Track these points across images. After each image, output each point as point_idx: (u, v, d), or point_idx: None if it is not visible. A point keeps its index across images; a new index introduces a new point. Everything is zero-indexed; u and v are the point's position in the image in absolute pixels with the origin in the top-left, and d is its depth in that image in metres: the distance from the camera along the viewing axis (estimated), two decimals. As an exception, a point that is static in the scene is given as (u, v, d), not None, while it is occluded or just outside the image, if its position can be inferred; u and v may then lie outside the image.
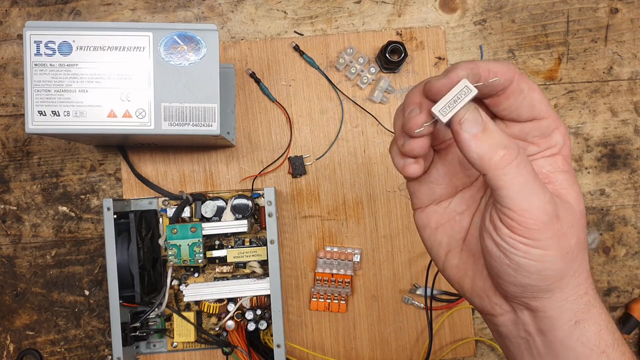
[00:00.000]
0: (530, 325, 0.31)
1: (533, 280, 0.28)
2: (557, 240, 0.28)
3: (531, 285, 0.29)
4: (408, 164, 0.30)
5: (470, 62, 0.28)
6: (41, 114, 0.49)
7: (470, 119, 0.27)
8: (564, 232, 0.28)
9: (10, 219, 0.64)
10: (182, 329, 0.60)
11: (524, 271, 0.28)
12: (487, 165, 0.27)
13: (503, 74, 0.28)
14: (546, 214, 0.27)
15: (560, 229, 0.28)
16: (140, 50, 0.49)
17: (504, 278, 0.29)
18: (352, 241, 0.64)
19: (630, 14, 0.66)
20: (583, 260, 0.30)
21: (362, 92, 0.65)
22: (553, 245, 0.28)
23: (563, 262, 0.28)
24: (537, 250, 0.27)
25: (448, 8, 0.66)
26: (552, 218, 0.27)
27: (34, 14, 0.65)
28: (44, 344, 0.64)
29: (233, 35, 0.65)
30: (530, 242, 0.27)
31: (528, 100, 0.29)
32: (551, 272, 0.28)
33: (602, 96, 0.66)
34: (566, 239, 0.28)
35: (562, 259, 0.28)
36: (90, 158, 0.65)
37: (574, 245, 0.29)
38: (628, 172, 0.66)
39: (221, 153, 0.64)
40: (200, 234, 0.59)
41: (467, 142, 0.27)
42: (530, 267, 0.28)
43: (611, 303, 0.65)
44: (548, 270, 0.28)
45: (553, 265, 0.28)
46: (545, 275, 0.28)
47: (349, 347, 0.64)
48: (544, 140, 0.30)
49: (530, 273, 0.28)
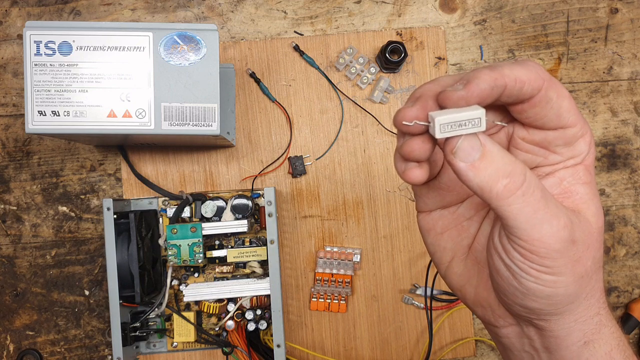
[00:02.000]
0: (536, 341, 0.29)
1: (541, 305, 0.27)
2: (572, 265, 0.26)
3: (539, 309, 0.27)
4: (409, 168, 0.26)
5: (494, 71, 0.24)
6: (41, 114, 0.49)
7: (466, 147, 0.24)
8: (580, 256, 0.26)
9: (10, 219, 0.64)
10: (182, 329, 0.60)
11: (533, 295, 0.26)
12: (489, 196, 0.24)
13: (531, 83, 0.24)
14: (560, 241, 0.25)
15: (575, 254, 0.26)
16: (140, 50, 0.49)
17: (510, 298, 0.27)
18: (352, 241, 0.64)
19: (630, 14, 0.66)
20: (597, 280, 0.28)
21: (362, 92, 0.65)
22: (567, 272, 0.26)
23: (576, 286, 0.26)
24: (549, 276, 0.26)
25: (448, 8, 0.66)
26: (567, 244, 0.25)
27: (34, 14, 0.65)
28: (44, 344, 0.64)
29: (233, 35, 0.65)
30: (542, 268, 0.25)
31: (556, 109, 0.26)
32: (562, 298, 0.26)
33: (602, 96, 0.66)
34: (582, 263, 0.26)
35: (575, 284, 0.26)
36: (90, 158, 0.65)
37: (589, 267, 0.27)
38: (628, 172, 0.66)
39: (221, 153, 0.64)
40: (200, 234, 0.59)
41: (463, 172, 0.24)
42: (541, 293, 0.26)
43: (611, 303, 0.65)
44: (559, 296, 0.26)
45: (565, 290, 0.26)
46: (556, 301, 0.27)
47: (349, 347, 0.64)
48: (567, 149, 0.27)
49: (540, 298, 0.26)
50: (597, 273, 0.27)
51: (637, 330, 0.65)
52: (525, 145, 0.27)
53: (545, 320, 0.28)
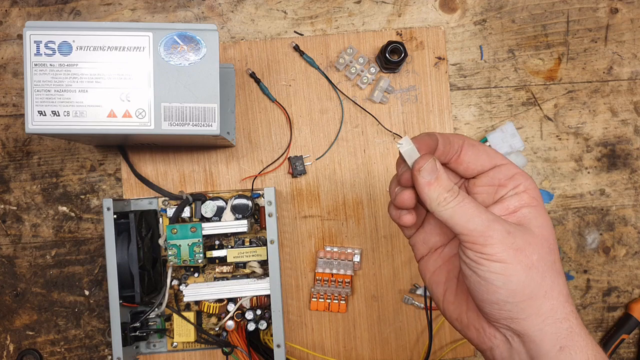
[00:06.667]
0: (523, 353, 0.33)
1: (503, 295, 0.32)
2: (514, 253, 0.32)
3: (503, 301, 0.32)
4: (403, 214, 0.37)
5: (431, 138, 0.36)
6: (41, 114, 0.49)
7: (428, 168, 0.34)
8: (519, 246, 0.32)
9: (10, 219, 0.64)
10: (182, 329, 0.60)
11: (492, 285, 0.32)
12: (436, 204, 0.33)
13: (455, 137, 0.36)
14: (492, 229, 0.32)
15: (514, 243, 0.32)
16: (140, 50, 0.49)
17: (481, 297, 0.33)
18: (352, 241, 0.64)
19: (630, 14, 0.66)
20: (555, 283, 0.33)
21: (362, 92, 0.65)
22: (511, 258, 0.32)
23: (526, 276, 0.32)
24: (497, 263, 0.32)
25: (448, 8, 0.66)
26: (502, 233, 0.32)
27: (34, 14, 0.65)
28: (44, 344, 0.64)
29: (233, 35, 0.65)
30: (488, 255, 0.32)
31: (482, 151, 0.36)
32: (515, 285, 0.32)
33: (602, 96, 0.66)
34: (524, 253, 0.32)
35: (524, 273, 0.32)
36: (90, 158, 0.65)
37: (535, 261, 0.32)
38: (628, 172, 0.66)
39: (221, 153, 0.64)
40: (200, 234, 0.59)
41: (422, 187, 0.34)
42: (496, 280, 0.32)
43: (611, 303, 0.65)
44: (512, 283, 0.32)
45: (516, 278, 0.32)
46: (512, 289, 0.32)
47: (349, 347, 0.64)
48: (509, 181, 0.35)
49: (498, 287, 0.32)
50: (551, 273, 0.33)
51: (637, 330, 0.65)
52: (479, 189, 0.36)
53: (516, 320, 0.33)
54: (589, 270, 0.66)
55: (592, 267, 0.65)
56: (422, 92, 0.65)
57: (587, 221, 0.66)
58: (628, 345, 0.66)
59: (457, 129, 0.65)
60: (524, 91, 0.66)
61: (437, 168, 0.34)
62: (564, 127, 0.66)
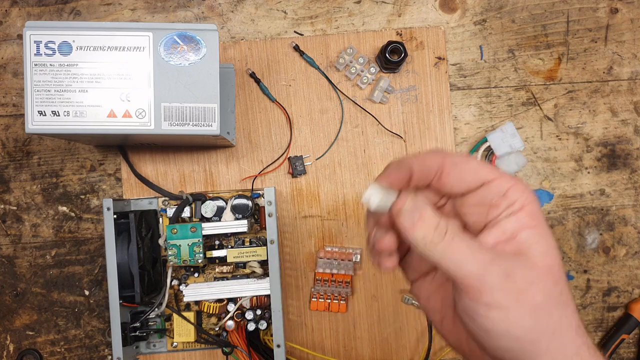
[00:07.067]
0: None
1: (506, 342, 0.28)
2: (516, 297, 0.28)
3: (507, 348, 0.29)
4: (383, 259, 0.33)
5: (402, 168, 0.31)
6: (41, 114, 0.49)
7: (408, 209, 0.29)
8: (521, 288, 0.28)
9: (10, 219, 0.64)
10: (182, 329, 0.60)
11: (493, 334, 0.28)
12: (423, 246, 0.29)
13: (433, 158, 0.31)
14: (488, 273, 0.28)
15: (514, 287, 0.28)
16: (140, 50, 0.49)
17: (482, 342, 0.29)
18: (352, 241, 0.64)
19: (630, 14, 0.66)
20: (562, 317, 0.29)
21: (362, 92, 0.65)
22: (511, 304, 0.28)
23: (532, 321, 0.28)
24: (495, 311, 0.28)
25: (448, 8, 0.66)
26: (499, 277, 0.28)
27: (34, 14, 0.65)
28: (44, 344, 0.64)
29: (233, 35, 0.65)
30: (485, 304, 0.28)
31: (466, 168, 0.31)
32: (520, 332, 0.28)
33: (602, 96, 0.66)
34: (527, 295, 0.28)
35: (529, 317, 0.28)
36: (90, 158, 0.65)
37: (540, 302, 0.28)
38: (628, 172, 0.66)
39: (221, 153, 0.64)
40: (200, 234, 0.59)
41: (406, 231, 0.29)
42: (497, 329, 0.28)
43: (611, 303, 0.65)
44: (516, 330, 0.28)
45: (519, 325, 0.28)
46: (516, 336, 0.28)
47: (349, 347, 0.64)
48: (502, 200, 0.30)
49: (500, 335, 0.28)
50: (558, 309, 0.29)
51: (637, 330, 0.65)
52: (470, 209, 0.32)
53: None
54: (589, 270, 0.66)
55: (592, 267, 0.65)
56: (422, 92, 0.65)
57: (587, 221, 0.65)
58: (628, 345, 0.66)
59: (457, 129, 0.65)
60: (524, 91, 0.66)
61: (418, 206, 0.29)
62: (564, 127, 0.66)
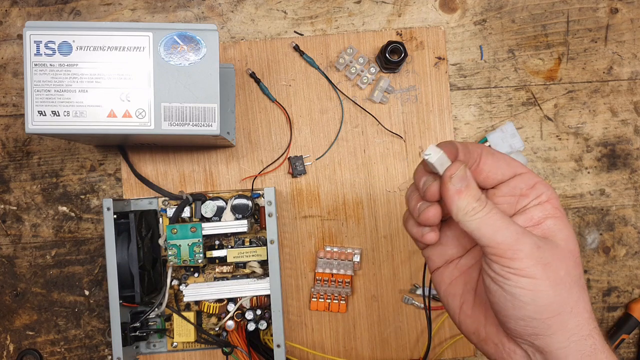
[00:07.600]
0: None
1: (530, 312, 0.31)
2: (543, 268, 0.31)
3: (530, 318, 0.31)
4: (426, 232, 0.35)
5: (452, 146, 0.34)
6: (41, 114, 0.49)
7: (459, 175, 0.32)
8: (548, 261, 0.31)
9: (10, 219, 0.64)
10: (182, 329, 0.60)
11: (519, 301, 0.31)
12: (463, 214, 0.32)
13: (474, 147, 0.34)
14: (521, 243, 0.31)
15: (542, 258, 0.31)
16: (140, 50, 0.49)
17: (505, 313, 0.32)
18: (352, 241, 0.64)
19: (630, 14, 0.66)
20: (580, 299, 0.32)
21: (362, 92, 0.65)
22: (540, 274, 0.30)
23: (554, 292, 0.31)
24: (525, 278, 0.30)
25: (448, 8, 0.66)
26: (531, 247, 0.31)
27: (34, 14, 0.65)
28: (44, 344, 0.64)
29: (233, 35, 0.65)
30: (516, 270, 0.31)
31: (502, 159, 0.34)
32: (544, 301, 0.31)
33: (602, 96, 0.66)
34: (552, 268, 0.31)
35: (553, 289, 0.31)
36: (90, 158, 0.65)
37: (563, 276, 0.31)
38: (628, 172, 0.66)
39: (221, 153, 0.64)
40: (200, 234, 0.59)
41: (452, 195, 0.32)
42: (524, 296, 0.31)
43: (611, 303, 0.65)
44: (540, 300, 0.31)
45: (545, 294, 0.31)
46: (540, 306, 0.31)
47: (349, 347, 0.64)
48: (531, 191, 0.34)
49: (526, 303, 0.31)
50: (577, 290, 0.32)
51: (637, 330, 0.65)
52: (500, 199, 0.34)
53: (540, 337, 0.32)
54: (589, 270, 0.66)
55: (592, 267, 0.65)
56: (422, 92, 0.65)
57: (587, 221, 0.66)
58: (628, 345, 0.66)
59: (457, 129, 0.65)
60: (524, 91, 0.66)
61: (467, 175, 0.32)
62: (564, 127, 0.66)
